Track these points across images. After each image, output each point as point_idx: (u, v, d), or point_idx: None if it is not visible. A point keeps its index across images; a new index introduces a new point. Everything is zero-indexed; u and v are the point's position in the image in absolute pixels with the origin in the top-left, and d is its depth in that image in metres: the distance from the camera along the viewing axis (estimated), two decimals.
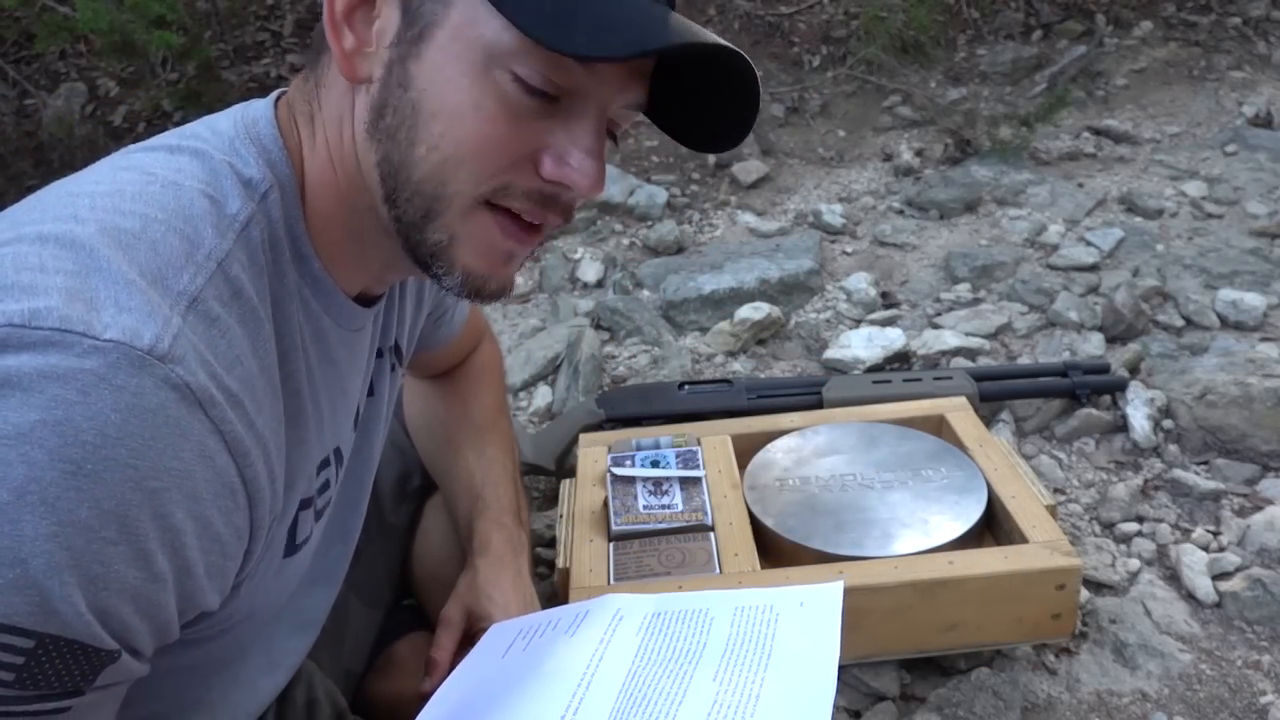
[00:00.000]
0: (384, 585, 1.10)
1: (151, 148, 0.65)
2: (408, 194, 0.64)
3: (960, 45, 3.14)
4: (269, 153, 0.66)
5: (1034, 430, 1.53)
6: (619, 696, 0.69)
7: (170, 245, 0.57)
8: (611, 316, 1.91)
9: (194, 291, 0.57)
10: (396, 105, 0.62)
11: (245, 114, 0.68)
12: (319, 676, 0.91)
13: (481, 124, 0.62)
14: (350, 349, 0.75)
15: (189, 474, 0.54)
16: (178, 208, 0.60)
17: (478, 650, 0.82)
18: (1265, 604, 1.18)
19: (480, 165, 0.63)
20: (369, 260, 0.71)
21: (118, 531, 0.51)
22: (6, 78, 3.05)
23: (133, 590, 0.53)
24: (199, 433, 0.54)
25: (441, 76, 0.61)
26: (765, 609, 0.78)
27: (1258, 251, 1.97)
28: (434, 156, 0.63)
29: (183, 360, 0.53)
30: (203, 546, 0.56)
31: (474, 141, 0.62)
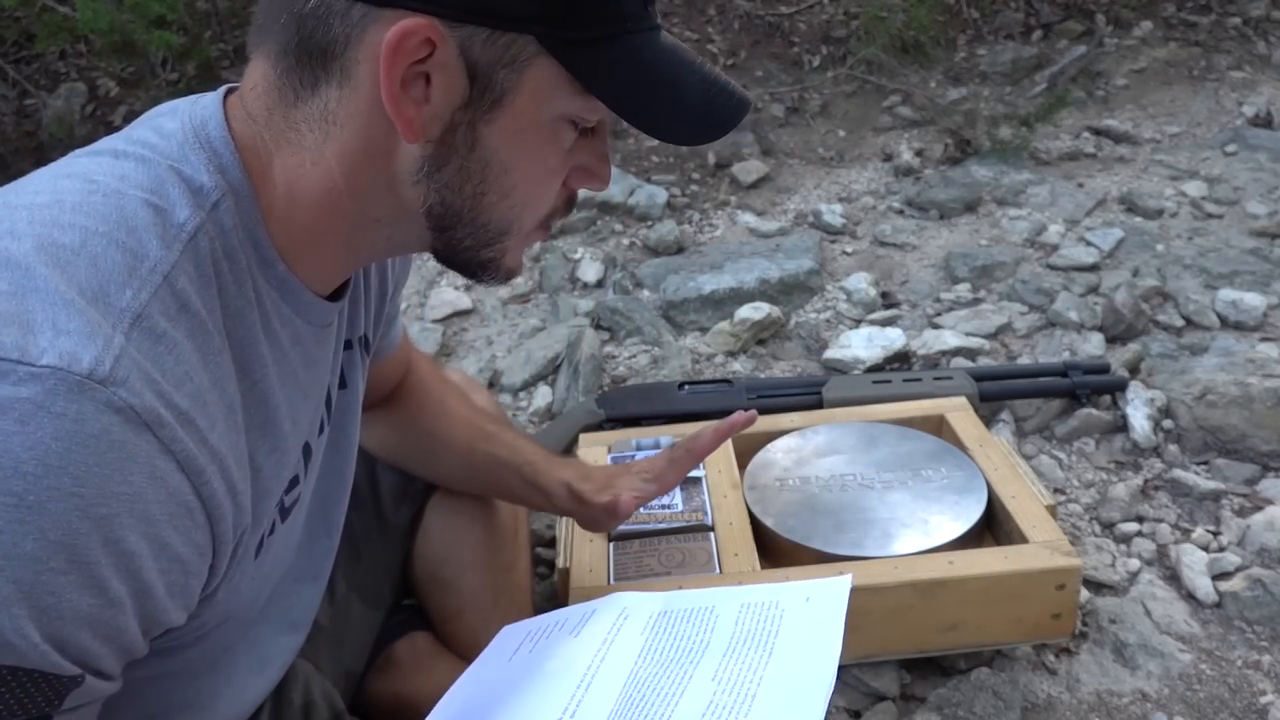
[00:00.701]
0: (384, 585, 1.10)
1: (96, 152, 0.64)
2: (469, 229, 0.67)
3: (960, 45, 3.14)
4: (219, 157, 0.64)
5: (1034, 430, 1.53)
6: (619, 697, 0.69)
7: (112, 260, 0.56)
8: (611, 316, 1.91)
9: (138, 308, 0.55)
10: (464, 163, 0.64)
11: (193, 114, 0.65)
12: (316, 678, 0.91)
13: (551, 174, 0.68)
14: (325, 345, 0.74)
15: (139, 496, 0.53)
16: (120, 219, 0.58)
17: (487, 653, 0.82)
18: (1265, 604, 1.18)
19: (543, 203, 0.70)
20: (339, 257, 0.71)
21: (67, 561, 0.50)
22: (6, 78, 3.05)
23: (89, 617, 0.52)
24: (147, 454, 0.53)
25: (517, 140, 0.64)
26: (771, 605, 0.78)
27: (1258, 251, 1.97)
28: (504, 204, 0.67)
29: (125, 382, 0.52)
30: (161, 568, 0.55)
31: (541, 187, 0.68)
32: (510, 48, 0.61)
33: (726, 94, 0.68)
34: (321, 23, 0.60)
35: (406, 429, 1.06)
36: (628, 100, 0.65)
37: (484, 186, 0.65)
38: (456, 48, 0.60)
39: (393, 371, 1.04)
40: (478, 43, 0.60)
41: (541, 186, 0.68)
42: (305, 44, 0.61)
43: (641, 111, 0.65)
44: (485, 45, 0.60)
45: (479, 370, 1.81)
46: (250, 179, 0.64)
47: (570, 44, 0.62)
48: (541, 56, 0.62)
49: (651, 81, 0.65)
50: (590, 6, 0.62)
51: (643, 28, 0.65)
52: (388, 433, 1.07)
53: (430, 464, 1.08)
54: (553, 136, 0.66)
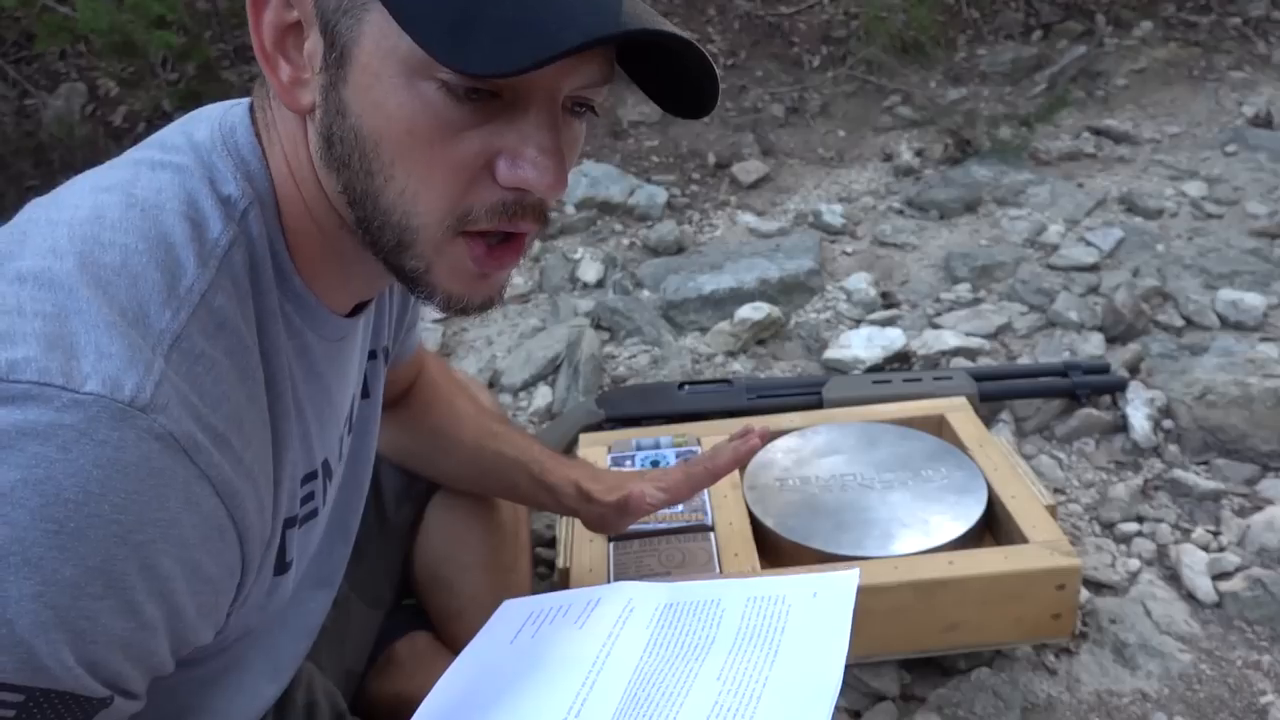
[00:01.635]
0: (385, 585, 1.10)
1: (134, 162, 0.63)
2: (378, 223, 0.61)
3: (960, 45, 3.14)
4: (247, 164, 0.63)
5: (1034, 430, 1.53)
6: (623, 696, 0.69)
7: (151, 279, 0.56)
8: (611, 316, 1.91)
9: (176, 329, 0.55)
10: (341, 134, 0.59)
11: (224, 120, 0.65)
12: (319, 678, 0.91)
13: (422, 148, 0.58)
14: (335, 361, 0.73)
15: (175, 522, 0.53)
16: (159, 235, 0.58)
17: (487, 631, 0.81)
18: (1265, 604, 1.18)
19: (438, 193, 0.59)
20: (351, 275, 0.69)
21: (104, 587, 0.51)
22: (6, 78, 3.05)
23: (122, 641, 0.52)
24: (184, 480, 0.53)
25: (370, 100, 0.58)
26: (777, 600, 0.77)
27: (1258, 251, 1.97)
28: (392, 187, 0.59)
29: (165, 408, 0.52)
30: (193, 589, 0.56)
31: (423, 169, 0.59)
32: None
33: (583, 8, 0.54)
34: None
35: (414, 427, 1.06)
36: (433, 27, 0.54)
37: (367, 164, 0.59)
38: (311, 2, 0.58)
39: (408, 374, 1.04)
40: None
41: (424, 166, 0.58)
42: None
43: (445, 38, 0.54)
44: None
45: (479, 370, 1.81)
46: (274, 188, 0.64)
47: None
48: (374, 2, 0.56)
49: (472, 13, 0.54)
50: None
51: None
52: (396, 432, 1.06)
53: (437, 462, 1.08)
54: (411, 96, 0.57)
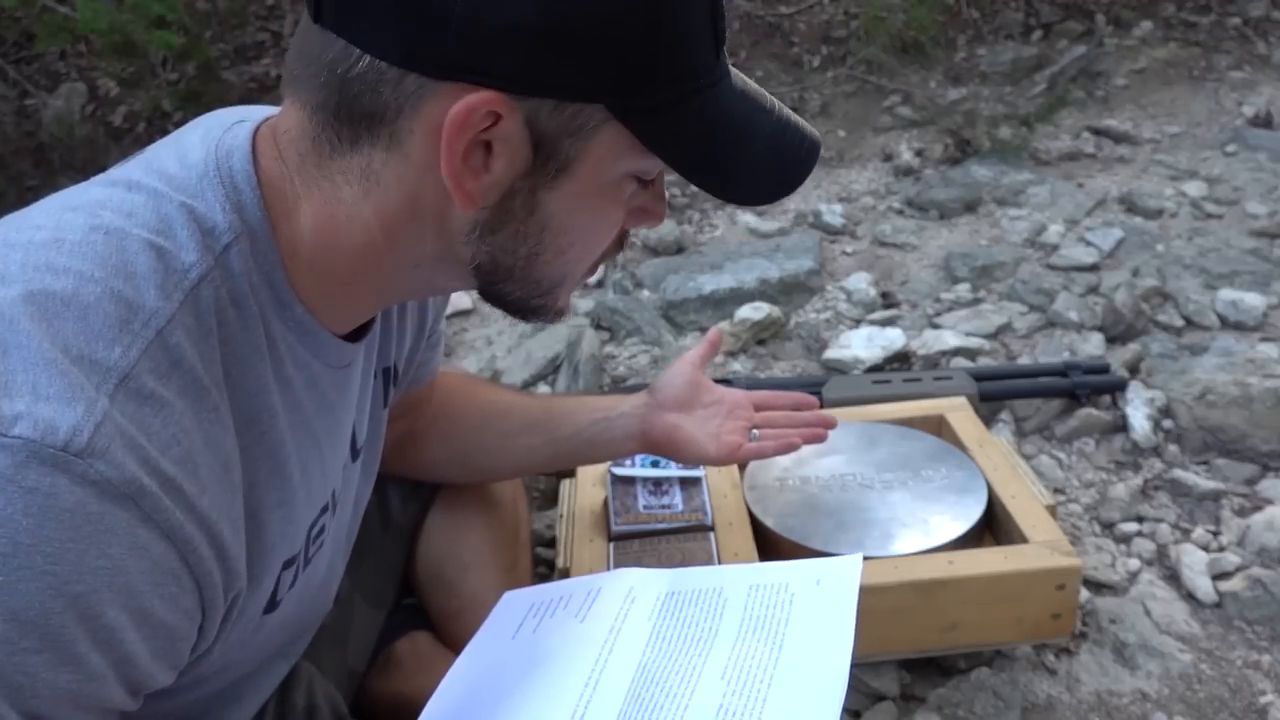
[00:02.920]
0: (388, 585, 1.10)
1: (112, 181, 0.61)
2: (520, 284, 0.66)
3: (960, 45, 3.14)
4: (239, 194, 0.61)
5: (1034, 430, 1.53)
6: (628, 695, 0.69)
7: (103, 312, 0.53)
8: (611, 316, 1.91)
9: (125, 367, 0.53)
10: (520, 228, 0.63)
11: (221, 143, 0.63)
12: (319, 680, 0.91)
13: (611, 230, 0.67)
14: (345, 386, 0.72)
15: (119, 569, 0.51)
16: (119, 263, 0.55)
17: (490, 624, 0.81)
18: (1265, 604, 1.18)
19: (598, 255, 0.69)
20: (367, 300, 0.69)
21: (40, 640, 0.49)
22: (6, 78, 3.05)
23: (68, 692, 0.51)
24: (127, 526, 0.51)
25: (579, 204, 0.63)
26: (781, 588, 0.76)
27: (1258, 251, 1.97)
28: (560, 260, 0.66)
29: (105, 453, 0.50)
30: (144, 636, 0.54)
31: (600, 242, 0.68)
32: (577, 117, 0.59)
33: (798, 140, 0.66)
34: (370, 89, 0.57)
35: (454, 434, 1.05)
36: (697, 163, 0.63)
37: (539, 248, 0.64)
38: (523, 119, 0.58)
39: (429, 395, 1.03)
40: (544, 113, 0.58)
41: (599, 240, 0.67)
42: (348, 106, 0.59)
43: (711, 174, 0.64)
44: (552, 115, 0.58)
45: (479, 370, 1.81)
46: (270, 219, 0.61)
47: (640, 111, 0.60)
48: (609, 123, 0.59)
49: (721, 141, 0.63)
50: (662, 73, 0.59)
51: (714, 80, 0.62)
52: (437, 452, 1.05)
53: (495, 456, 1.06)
54: (616, 195, 0.65)
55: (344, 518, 0.82)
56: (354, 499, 0.83)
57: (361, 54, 0.57)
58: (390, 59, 0.57)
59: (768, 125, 0.64)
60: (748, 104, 0.64)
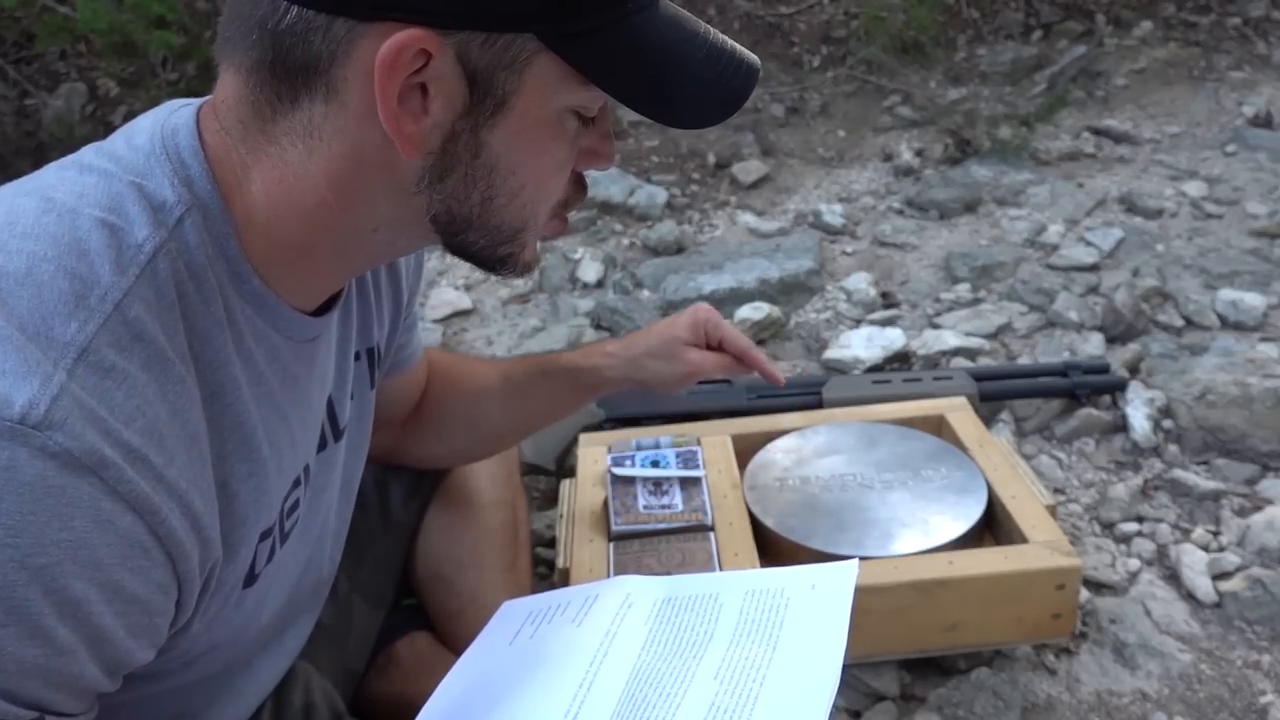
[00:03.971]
0: (388, 585, 1.10)
1: (64, 165, 0.62)
2: (482, 232, 0.65)
3: (960, 45, 3.14)
4: (187, 168, 0.61)
5: (1034, 430, 1.53)
6: (621, 696, 0.69)
7: (58, 289, 0.53)
8: (611, 316, 1.91)
9: (83, 341, 0.53)
10: (468, 171, 0.62)
11: (166, 124, 0.63)
12: (316, 679, 0.91)
13: (562, 170, 0.66)
14: (312, 361, 0.71)
15: (83, 542, 0.51)
16: (72, 242, 0.55)
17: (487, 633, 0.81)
18: (1265, 604, 1.18)
19: (553, 198, 0.68)
20: (328, 269, 0.68)
21: (4, 614, 0.49)
22: (6, 78, 3.05)
23: (36, 668, 0.51)
24: (90, 498, 0.51)
25: (521, 141, 0.62)
26: (776, 593, 0.76)
27: (1258, 251, 1.97)
28: (514, 204, 0.65)
29: (63, 424, 0.50)
30: (116, 611, 0.54)
31: (552, 182, 0.66)
32: (509, 49, 0.58)
33: (735, 64, 0.65)
34: (300, 40, 0.57)
35: (443, 410, 1.06)
36: (634, 89, 0.62)
37: (491, 191, 0.63)
38: (454, 55, 0.57)
39: (418, 383, 1.03)
40: (475, 47, 0.58)
41: (551, 181, 0.66)
42: (282, 60, 0.58)
43: (649, 99, 0.63)
44: (483, 49, 0.58)
45: None
46: (221, 192, 0.61)
47: (571, 37, 0.59)
48: (542, 53, 0.59)
49: (657, 65, 0.62)
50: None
51: (642, 6, 0.61)
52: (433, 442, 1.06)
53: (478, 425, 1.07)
54: (559, 132, 0.64)
55: (331, 499, 0.81)
56: (341, 480, 0.83)
57: (289, 4, 0.57)
58: (317, 5, 0.56)
59: (703, 48, 0.63)
60: (680, 29, 0.63)
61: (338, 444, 0.80)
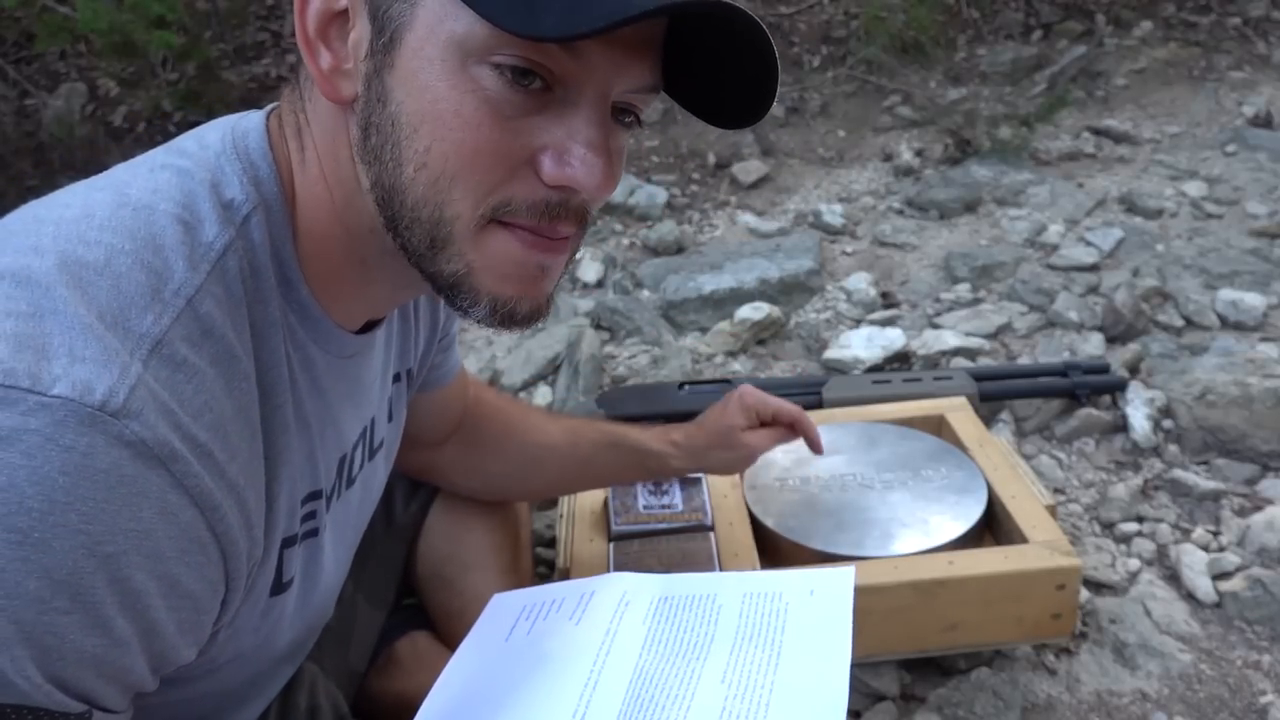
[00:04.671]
0: (390, 585, 1.10)
1: (135, 164, 0.62)
2: (407, 221, 0.59)
3: (960, 45, 3.14)
4: (256, 169, 0.61)
5: (1034, 430, 1.53)
6: (626, 697, 0.69)
7: (135, 281, 0.54)
8: (611, 316, 1.91)
9: (158, 334, 0.53)
10: (379, 123, 0.57)
11: (237, 126, 0.64)
12: (321, 680, 0.91)
13: (467, 130, 0.55)
14: (341, 378, 0.70)
15: (149, 534, 0.51)
16: (148, 236, 0.56)
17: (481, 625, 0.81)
18: (1265, 604, 1.18)
19: (475, 180, 0.56)
20: (371, 285, 0.66)
21: (70, 601, 0.49)
22: (6, 78, 3.05)
23: (93, 658, 0.51)
24: (159, 490, 0.51)
25: (417, 84, 0.55)
26: (774, 597, 0.76)
27: (1258, 251, 1.97)
28: (423, 176, 0.57)
29: (139, 414, 0.50)
30: (170, 605, 0.54)
31: (463, 153, 0.56)
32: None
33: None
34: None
35: (497, 454, 1.08)
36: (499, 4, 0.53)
37: (400, 153, 0.57)
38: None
39: (454, 401, 1.02)
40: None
41: (464, 152, 0.56)
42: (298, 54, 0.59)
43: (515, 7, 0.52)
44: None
45: (479, 370, 1.81)
46: (285, 195, 0.62)
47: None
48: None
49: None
50: None
51: None
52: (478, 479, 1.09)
53: (530, 479, 1.11)
54: (462, 79, 0.55)
55: (359, 517, 0.82)
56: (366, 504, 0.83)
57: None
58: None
59: None
60: None
61: (370, 461, 0.80)
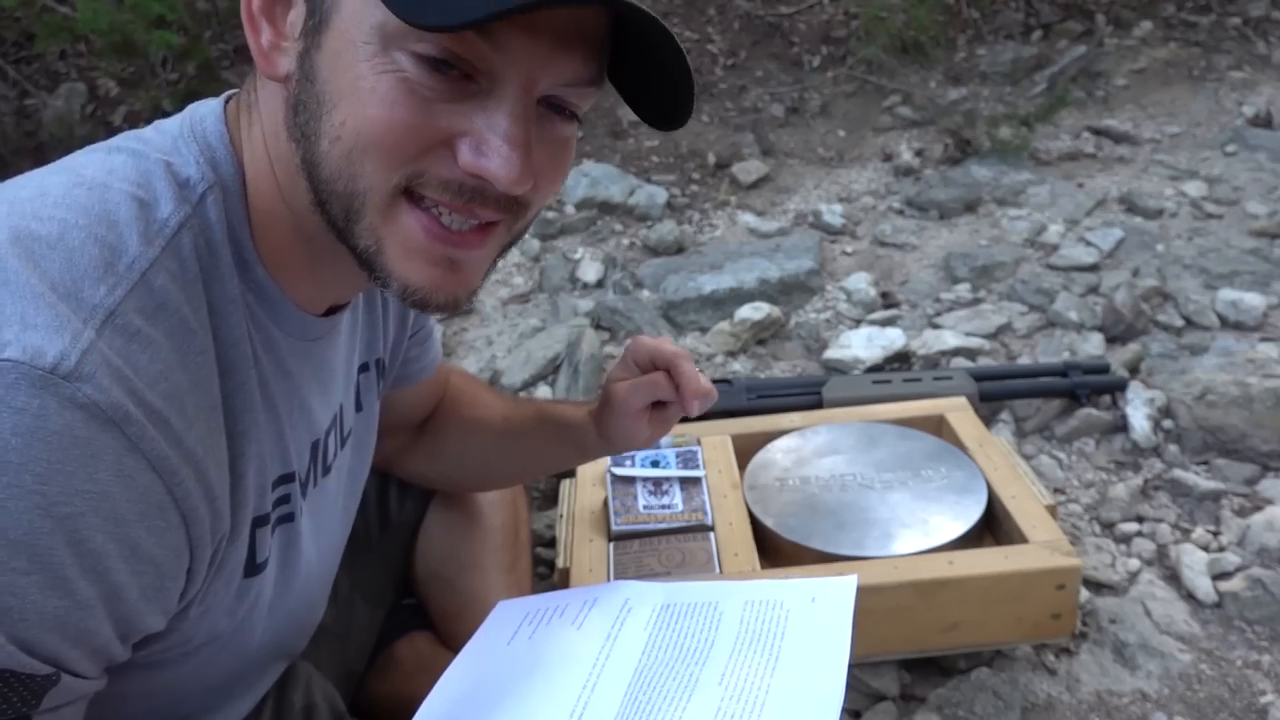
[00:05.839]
0: (387, 585, 1.10)
1: (92, 149, 0.63)
2: (325, 194, 0.60)
3: (960, 45, 3.14)
4: (212, 150, 0.62)
5: (1034, 430, 1.53)
6: (625, 698, 0.69)
7: (89, 254, 0.54)
8: (611, 316, 1.91)
9: (111, 305, 0.54)
10: (305, 100, 0.58)
11: (196, 110, 0.65)
12: (317, 679, 0.91)
13: (382, 108, 0.56)
14: (307, 360, 0.70)
15: (106, 495, 0.51)
16: (102, 212, 0.56)
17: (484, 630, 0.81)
18: (1265, 604, 1.18)
19: (386, 152, 0.58)
20: (321, 266, 0.66)
21: (29, 561, 0.49)
22: (6, 78, 3.05)
23: (56, 619, 0.51)
24: (114, 452, 0.51)
25: (340, 64, 0.57)
26: (776, 605, 0.76)
27: (1258, 251, 1.97)
28: (337, 149, 0.58)
29: (92, 377, 0.51)
30: (132, 569, 0.54)
31: (376, 128, 0.57)
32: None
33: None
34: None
35: (442, 429, 1.04)
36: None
37: (318, 128, 0.58)
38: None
39: (430, 396, 1.02)
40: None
41: (377, 127, 0.57)
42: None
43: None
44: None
45: (479, 370, 1.81)
46: (242, 177, 0.63)
47: None
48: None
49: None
50: None
51: None
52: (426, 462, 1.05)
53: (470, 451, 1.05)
54: (382, 63, 0.56)
55: (338, 506, 0.81)
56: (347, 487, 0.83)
57: None
58: None
59: None
60: None
61: (342, 450, 0.80)
